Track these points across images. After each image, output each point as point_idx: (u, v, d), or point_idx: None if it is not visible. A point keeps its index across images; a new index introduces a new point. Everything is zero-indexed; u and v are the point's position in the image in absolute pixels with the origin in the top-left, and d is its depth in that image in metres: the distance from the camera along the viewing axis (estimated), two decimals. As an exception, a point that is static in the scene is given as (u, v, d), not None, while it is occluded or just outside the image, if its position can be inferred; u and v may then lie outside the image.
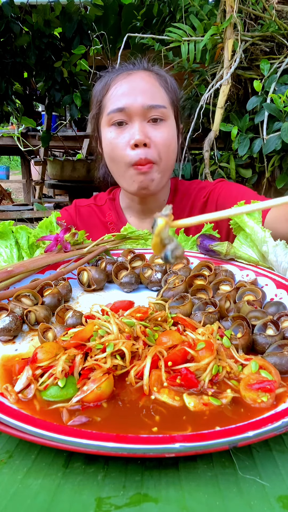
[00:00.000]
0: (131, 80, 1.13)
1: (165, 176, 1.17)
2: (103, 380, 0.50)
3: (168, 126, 1.13)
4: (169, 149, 1.13)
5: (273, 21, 1.93)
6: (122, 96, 1.10)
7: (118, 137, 1.11)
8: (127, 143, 1.09)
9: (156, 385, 0.51)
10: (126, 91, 1.10)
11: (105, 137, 1.15)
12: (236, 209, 0.47)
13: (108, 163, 1.20)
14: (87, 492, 0.40)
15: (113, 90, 1.13)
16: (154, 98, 1.10)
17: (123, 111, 1.09)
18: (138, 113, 1.09)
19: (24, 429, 0.44)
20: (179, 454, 0.41)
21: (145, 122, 1.10)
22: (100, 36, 3.10)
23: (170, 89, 1.17)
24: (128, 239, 1.02)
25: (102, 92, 1.18)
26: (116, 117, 1.10)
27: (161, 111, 1.11)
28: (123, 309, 0.70)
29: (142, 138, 1.06)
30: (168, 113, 1.14)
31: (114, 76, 1.16)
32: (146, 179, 1.11)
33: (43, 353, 0.54)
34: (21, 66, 3.43)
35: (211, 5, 2.24)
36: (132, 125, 1.09)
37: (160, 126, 1.11)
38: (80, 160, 4.40)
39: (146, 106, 1.08)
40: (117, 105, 1.10)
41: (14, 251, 0.91)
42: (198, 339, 0.58)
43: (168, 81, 1.18)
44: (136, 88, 1.10)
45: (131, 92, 1.10)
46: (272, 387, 0.49)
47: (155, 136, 1.10)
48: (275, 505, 0.39)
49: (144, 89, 1.10)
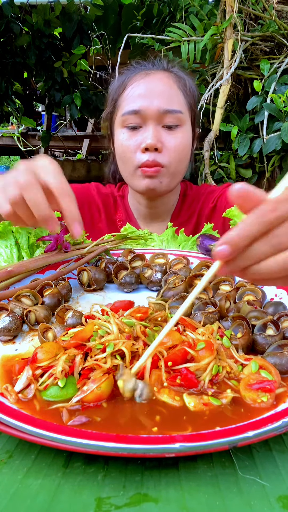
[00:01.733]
0: (149, 81, 1.09)
1: (175, 180, 1.14)
2: (103, 380, 0.50)
3: (183, 132, 1.10)
4: (181, 154, 1.10)
5: (273, 21, 1.93)
6: (138, 97, 1.07)
7: (130, 139, 1.08)
8: (138, 146, 1.07)
9: (156, 385, 0.51)
10: (143, 92, 1.07)
11: (117, 138, 1.13)
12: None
13: (118, 163, 1.18)
14: (87, 492, 0.40)
15: (130, 90, 1.10)
16: (171, 102, 1.07)
17: (138, 113, 1.06)
18: (153, 117, 1.06)
19: (24, 429, 0.44)
20: (179, 454, 0.41)
21: (159, 127, 1.07)
22: (100, 36, 3.10)
23: (188, 92, 1.13)
24: (128, 239, 1.02)
25: (118, 91, 1.14)
26: (130, 119, 1.08)
27: (177, 116, 1.07)
28: (123, 309, 0.70)
29: (154, 142, 1.04)
30: (185, 118, 1.10)
31: (132, 75, 1.12)
32: (153, 182, 1.08)
33: (43, 353, 0.54)
34: (21, 66, 3.42)
35: (211, 5, 2.24)
36: (146, 129, 1.07)
37: (175, 132, 1.08)
38: (80, 160, 4.40)
39: (162, 110, 1.05)
40: (132, 107, 1.07)
41: (14, 251, 0.91)
42: (198, 339, 0.58)
43: (187, 84, 1.14)
44: (153, 90, 1.07)
45: (148, 94, 1.06)
46: (272, 387, 0.49)
47: (169, 142, 1.07)
48: (275, 505, 0.39)
49: (161, 92, 1.07)
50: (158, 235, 1.06)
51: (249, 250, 0.42)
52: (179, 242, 1.04)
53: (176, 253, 0.95)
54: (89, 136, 4.45)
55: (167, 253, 0.95)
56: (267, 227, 0.41)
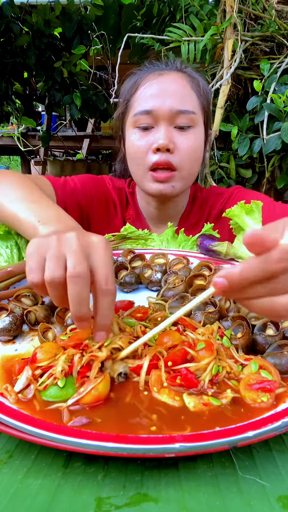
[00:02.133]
0: (162, 81, 1.07)
1: (188, 183, 1.13)
2: (99, 381, 0.50)
3: (196, 133, 1.08)
4: (194, 156, 1.08)
5: (273, 21, 1.93)
6: (150, 97, 1.05)
7: (141, 139, 1.06)
8: (150, 147, 1.05)
9: (156, 385, 0.51)
10: (155, 92, 1.05)
11: (129, 138, 1.11)
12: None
13: (129, 163, 1.16)
14: (87, 492, 0.40)
15: (142, 90, 1.08)
16: (184, 103, 1.05)
17: (150, 114, 1.04)
18: (165, 117, 1.04)
19: (24, 429, 0.44)
20: (179, 454, 0.41)
21: (171, 127, 1.05)
22: (100, 36, 3.10)
23: (202, 93, 1.11)
24: (128, 239, 1.02)
25: (130, 91, 1.13)
26: (142, 119, 1.06)
27: (190, 117, 1.05)
28: (123, 309, 0.70)
29: (166, 142, 1.02)
30: (197, 119, 1.08)
31: (144, 75, 1.11)
32: (165, 187, 1.07)
33: (43, 353, 0.54)
34: (21, 66, 3.42)
35: (211, 5, 2.24)
36: (158, 129, 1.05)
37: (188, 132, 1.06)
38: (80, 160, 4.40)
39: (174, 111, 1.03)
40: (144, 107, 1.05)
41: (14, 251, 0.91)
42: (198, 339, 0.58)
43: (201, 84, 1.12)
44: (166, 90, 1.05)
45: (160, 94, 1.04)
46: (272, 387, 0.49)
47: (181, 143, 1.05)
48: (275, 505, 0.39)
49: (174, 92, 1.05)
50: (158, 235, 1.05)
51: (245, 288, 0.44)
52: (179, 242, 1.04)
53: (176, 253, 0.95)
54: (89, 136, 4.45)
55: (167, 253, 0.95)
56: (269, 275, 0.42)
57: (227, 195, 1.24)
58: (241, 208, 0.94)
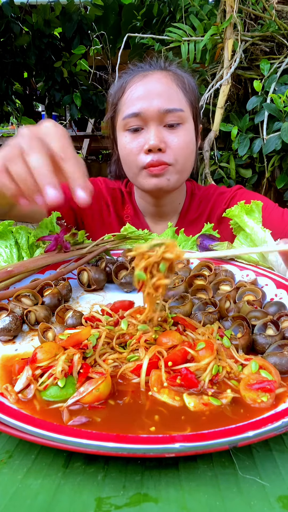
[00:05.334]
0: (147, 82, 1.08)
1: (182, 177, 1.14)
2: (100, 382, 0.50)
3: (186, 130, 1.09)
4: (186, 152, 1.09)
5: (273, 21, 1.93)
6: (137, 100, 1.06)
7: (132, 142, 1.08)
8: (141, 148, 1.06)
9: (156, 385, 0.51)
10: (142, 94, 1.06)
11: (120, 141, 1.13)
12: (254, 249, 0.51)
13: (123, 165, 1.18)
14: (87, 492, 0.40)
15: (129, 93, 1.09)
16: (171, 101, 1.06)
17: (139, 116, 1.06)
18: (154, 118, 1.05)
19: (24, 429, 0.44)
20: (179, 454, 0.41)
21: (161, 127, 1.06)
22: (100, 36, 3.10)
23: (188, 89, 1.12)
24: (128, 239, 1.02)
25: (117, 95, 1.14)
26: (131, 122, 1.07)
27: (178, 114, 1.07)
28: (123, 309, 0.70)
29: (156, 143, 1.03)
30: (186, 115, 1.09)
31: (129, 78, 1.12)
32: (160, 181, 1.08)
33: (43, 353, 0.54)
34: (21, 66, 3.43)
35: (211, 5, 2.24)
36: (148, 130, 1.06)
37: (177, 130, 1.08)
38: (80, 160, 4.40)
39: (162, 110, 1.05)
40: (132, 110, 1.06)
41: (14, 251, 0.91)
42: (198, 339, 0.58)
43: (186, 81, 1.13)
44: (152, 91, 1.06)
45: (147, 96, 1.06)
46: (272, 387, 0.49)
47: (172, 141, 1.06)
48: (275, 505, 0.39)
49: (160, 92, 1.06)
50: (158, 235, 1.05)
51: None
52: (179, 242, 1.04)
53: (176, 253, 0.95)
54: (89, 136, 4.46)
55: (167, 253, 0.95)
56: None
57: (230, 194, 1.25)
58: (241, 208, 0.94)
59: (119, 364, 0.57)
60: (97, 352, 0.56)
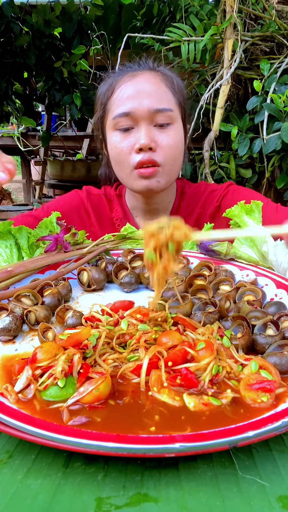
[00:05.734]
0: (136, 82, 1.09)
1: (172, 178, 1.15)
2: (100, 382, 0.50)
3: (175, 129, 1.10)
4: (176, 152, 1.11)
5: (273, 21, 1.93)
6: (127, 99, 1.07)
7: (123, 141, 1.09)
8: (132, 147, 1.07)
9: (156, 385, 0.51)
10: (131, 94, 1.07)
11: (110, 141, 1.13)
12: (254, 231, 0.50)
13: (113, 166, 1.18)
14: (87, 492, 0.40)
15: (118, 92, 1.10)
16: (161, 101, 1.07)
17: (129, 116, 1.07)
18: (144, 117, 1.06)
19: (24, 429, 0.44)
20: (179, 454, 0.41)
21: (151, 126, 1.07)
22: (100, 36, 3.10)
23: (176, 90, 1.14)
24: (128, 239, 1.02)
25: (106, 94, 1.15)
26: (121, 122, 1.08)
27: (168, 114, 1.08)
28: (123, 309, 0.70)
29: (147, 142, 1.04)
30: (175, 115, 1.11)
31: (119, 78, 1.13)
32: (151, 182, 1.09)
33: (43, 353, 0.54)
34: (21, 66, 3.42)
35: (211, 5, 2.24)
36: (138, 129, 1.07)
37: (167, 130, 1.09)
38: (80, 160, 4.40)
39: (152, 110, 1.06)
40: (123, 110, 1.07)
41: (14, 251, 0.91)
42: (198, 339, 0.58)
43: (175, 81, 1.14)
44: (142, 91, 1.07)
45: (137, 95, 1.07)
46: (272, 387, 0.49)
47: (162, 140, 1.07)
48: (275, 505, 0.39)
49: (150, 92, 1.07)
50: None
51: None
52: (179, 242, 1.04)
53: (176, 253, 0.95)
54: (89, 136, 4.45)
55: (167, 253, 0.95)
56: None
57: (221, 192, 1.26)
58: (241, 208, 0.94)
59: (119, 364, 0.57)
60: (97, 352, 0.56)
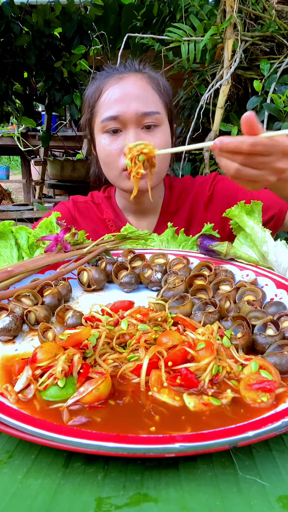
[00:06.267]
0: (123, 84, 1.10)
1: (160, 177, 1.18)
2: (100, 382, 0.50)
3: (162, 131, 1.12)
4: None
5: (273, 21, 1.93)
6: (115, 103, 1.08)
7: (111, 144, 1.10)
8: (121, 150, 1.08)
9: (156, 385, 0.51)
10: (119, 97, 1.08)
11: (99, 143, 1.15)
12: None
13: (102, 167, 1.20)
14: (87, 492, 0.40)
15: (106, 95, 1.11)
16: (148, 104, 1.09)
17: (117, 119, 1.08)
18: (132, 120, 1.07)
19: (24, 429, 0.44)
20: (179, 454, 0.41)
21: (139, 129, 1.09)
22: (100, 36, 3.10)
23: (163, 91, 1.15)
24: (128, 239, 1.02)
25: (94, 97, 1.16)
26: (110, 125, 1.09)
27: (155, 117, 1.09)
28: (123, 309, 0.70)
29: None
30: (162, 117, 1.12)
31: (105, 80, 1.14)
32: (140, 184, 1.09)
33: (43, 353, 0.54)
34: (21, 66, 3.42)
35: (211, 5, 2.24)
36: (126, 132, 1.09)
37: (155, 132, 1.10)
38: (80, 160, 4.40)
39: (140, 113, 1.07)
40: (111, 113, 1.08)
41: (14, 251, 0.91)
42: (198, 339, 0.58)
43: (161, 83, 1.16)
44: (129, 94, 1.08)
45: (124, 98, 1.08)
46: (272, 387, 0.49)
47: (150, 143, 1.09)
48: (275, 505, 0.39)
49: (137, 95, 1.08)
50: (158, 235, 1.06)
51: (233, 154, 0.71)
52: (179, 242, 1.04)
53: (176, 253, 0.95)
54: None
55: (167, 253, 0.95)
56: (246, 151, 0.69)
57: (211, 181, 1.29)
58: (241, 208, 0.94)
59: (119, 364, 0.57)
60: (97, 352, 0.56)
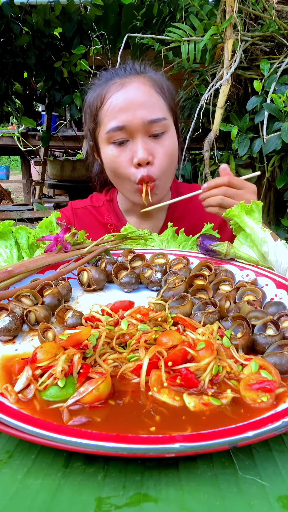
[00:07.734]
0: (127, 91, 1.06)
1: (167, 186, 1.16)
2: (100, 382, 0.50)
3: (170, 137, 1.10)
4: (171, 159, 1.11)
5: (273, 21, 1.93)
6: (119, 112, 1.04)
7: (120, 155, 1.07)
8: (130, 161, 1.06)
9: (156, 385, 0.51)
10: (124, 105, 1.04)
11: (105, 153, 1.11)
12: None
13: (110, 177, 1.17)
14: (87, 492, 0.40)
15: (109, 104, 1.07)
16: (154, 111, 1.05)
17: (123, 129, 1.05)
18: (139, 129, 1.04)
19: (24, 429, 0.43)
20: (179, 454, 0.41)
21: (146, 138, 1.06)
22: (100, 36, 3.10)
23: (167, 94, 1.12)
24: (128, 239, 1.02)
25: (96, 104, 1.11)
26: (116, 136, 1.06)
27: (162, 124, 1.06)
28: (123, 309, 0.70)
29: (145, 156, 1.03)
30: (169, 123, 1.09)
31: (107, 87, 1.09)
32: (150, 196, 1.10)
33: (43, 353, 0.54)
34: (21, 66, 3.43)
35: (211, 5, 2.24)
36: (134, 142, 1.06)
37: (163, 139, 1.08)
38: (80, 160, 4.41)
39: (146, 121, 1.04)
40: (116, 124, 1.05)
41: (14, 251, 0.91)
42: (198, 339, 0.58)
43: (164, 85, 1.12)
44: (134, 102, 1.04)
45: (129, 107, 1.04)
46: (272, 387, 0.49)
47: (158, 152, 1.07)
48: (275, 505, 0.39)
49: (142, 102, 1.04)
50: (158, 235, 1.06)
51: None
52: (179, 242, 1.04)
53: (176, 253, 0.95)
54: (89, 136, 4.45)
55: (167, 253, 0.95)
56: (219, 185, 1.00)
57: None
58: (241, 208, 0.94)
59: (119, 364, 0.57)
60: (97, 352, 0.56)
